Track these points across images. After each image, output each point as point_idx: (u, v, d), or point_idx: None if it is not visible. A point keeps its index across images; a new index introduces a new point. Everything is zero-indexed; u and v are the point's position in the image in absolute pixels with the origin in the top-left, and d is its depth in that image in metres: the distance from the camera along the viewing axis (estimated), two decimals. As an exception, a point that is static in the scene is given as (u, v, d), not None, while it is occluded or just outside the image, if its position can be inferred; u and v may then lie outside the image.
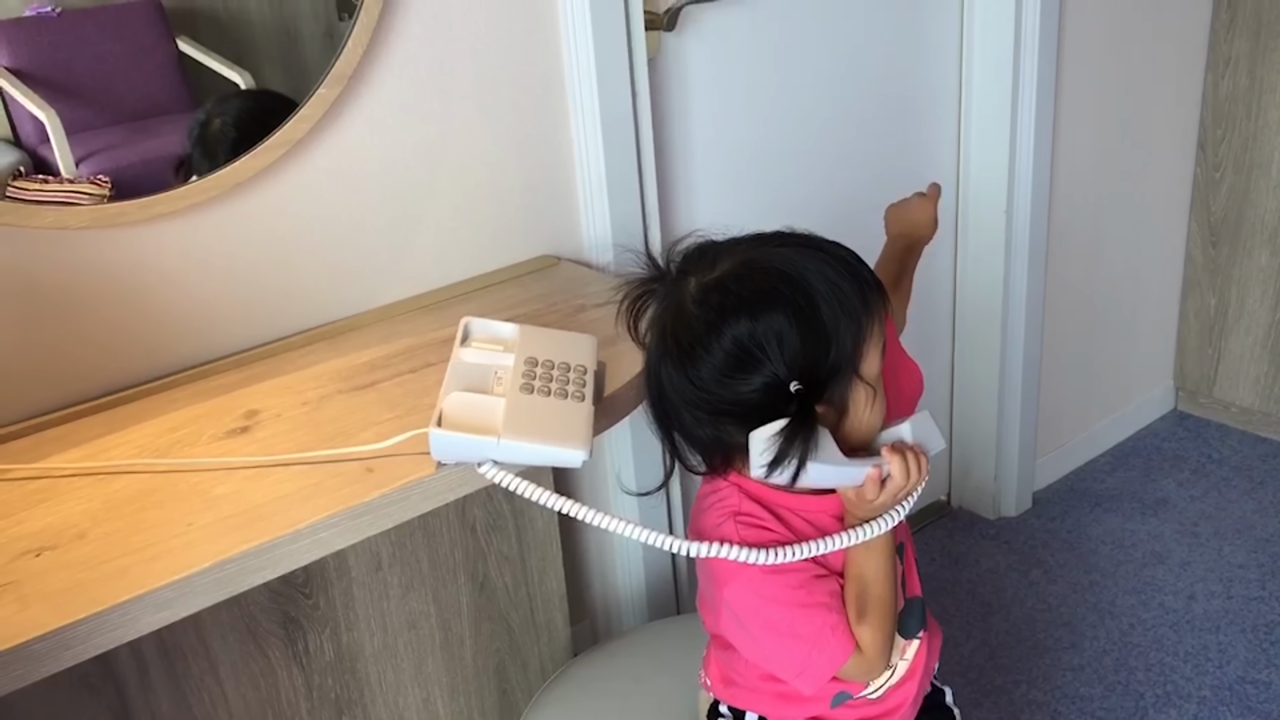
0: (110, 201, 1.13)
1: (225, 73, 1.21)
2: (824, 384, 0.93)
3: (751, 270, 0.95)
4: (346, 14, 1.25)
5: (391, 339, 1.27)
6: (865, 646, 0.99)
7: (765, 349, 0.92)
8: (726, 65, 1.64)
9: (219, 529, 0.92)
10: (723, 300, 0.94)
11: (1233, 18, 2.21)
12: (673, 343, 0.96)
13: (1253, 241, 2.31)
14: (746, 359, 0.93)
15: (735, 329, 0.93)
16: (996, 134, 1.97)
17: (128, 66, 1.17)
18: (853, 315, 0.94)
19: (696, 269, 0.98)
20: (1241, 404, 2.44)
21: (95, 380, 1.18)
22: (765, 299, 0.93)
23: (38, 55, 1.12)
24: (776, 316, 0.92)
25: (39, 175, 1.11)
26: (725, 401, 0.94)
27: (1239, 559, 2.07)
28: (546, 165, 1.45)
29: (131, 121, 1.19)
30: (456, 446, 0.97)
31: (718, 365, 0.94)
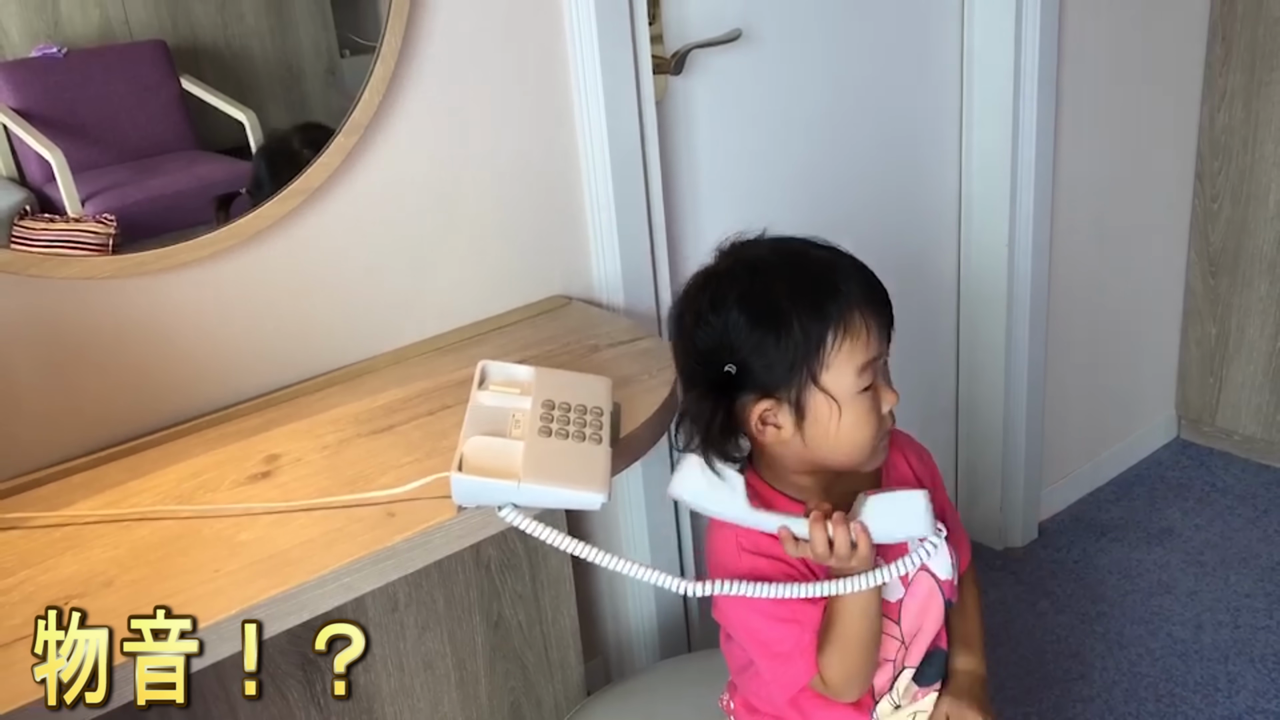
0: (116, 240, 1.14)
1: (229, 110, 1.22)
2: (772, 379, 1.00)
3: (735, 261, 1.06)
4: (349, 50, 1.27)
5: (407, 381, 1.29)
6: (826, 675, 1.03)
7: (729, 341, 1.01)
8: (732, 106, 1.67)
9: (245, 575, 0.94)
10: (705, 283, 1.05)
11: (1227, 52, 2.25)
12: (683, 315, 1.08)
13: (1251, 271, 2.34)
14: (704, 343, 1.03)
15: (698, 311, 1.04)
16: (997, 169, 1.99)
17: (132, 105, 1.19)
18: (816, 319, 0.99)
19: (713, 262, 1.09)
20: (1244, 432, 2.46)
21: (118, 425, 1.19)
22: (729, 288, 1.03)
23: (44, 95, 1.13)
24: (730, 306, 1.01)
25: (45, 214, 1.12)
26: (693, 378, 1.05)
27: (1245, 588, 2.07)
28: (558, 207, 1.47)
29: (136, 160, 1.20)
30: (477, 490, 0.99)
31: (684, 342, 1.06)
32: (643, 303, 1.55)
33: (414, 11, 1.27)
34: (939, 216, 2.04)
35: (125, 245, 1.15)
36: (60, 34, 1.11)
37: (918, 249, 2.03)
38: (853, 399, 1.01)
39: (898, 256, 2.00)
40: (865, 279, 1.04)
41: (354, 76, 1.28)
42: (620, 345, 1.35)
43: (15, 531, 1.03)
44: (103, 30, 1.14)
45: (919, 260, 2.04)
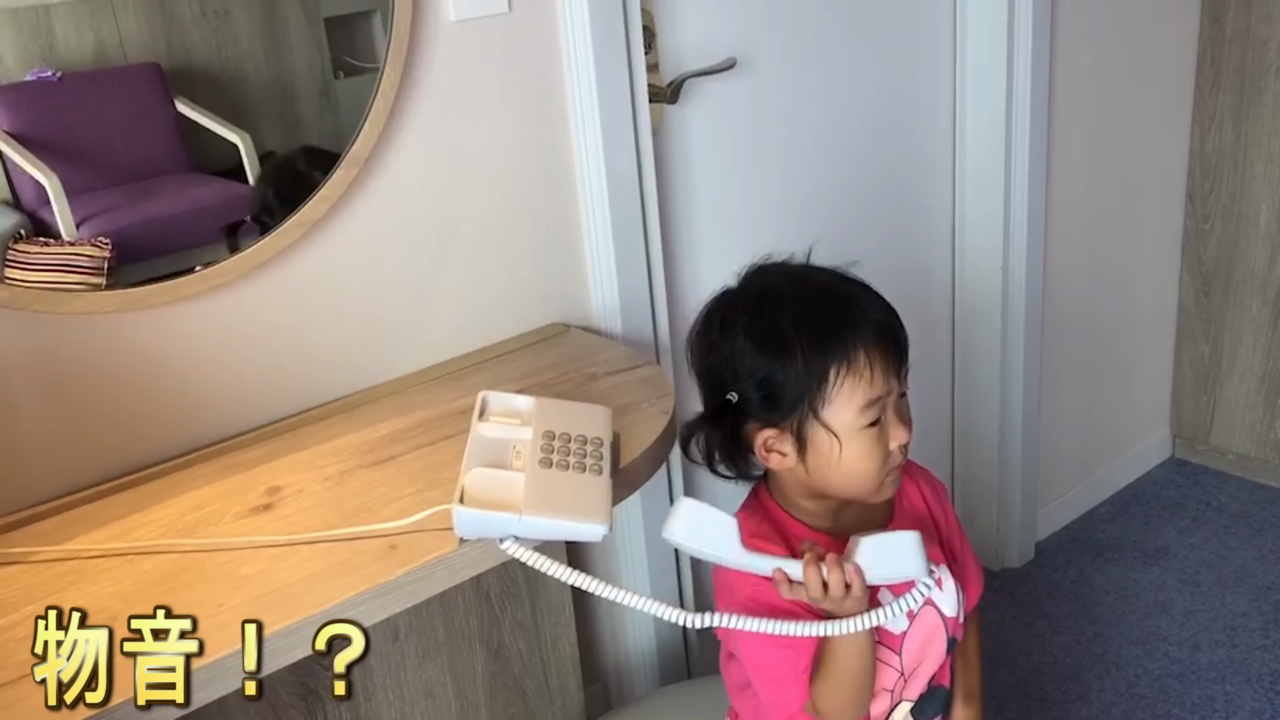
0: (111, 264, 1.14)
1: (223, 133, 1.22)
2: (775, 408, 1.02)
3: (751, 287, 1.09)
4: (343, 72, 1.28)
5: (407, 411, 1.30)
6: (818, 704, 1.05)
7: (735, 366, 1.04)
8: (727, 134, 1.68)
9: (249, 610, 0.94)
10: (719, 306, 1.08)
11: (1216, 75, 2.27)
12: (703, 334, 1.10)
13: (1243, 291, 2.36)
14: (722, 367, 1.05)
15: (709, 334, 1.07)
16: (991, 192, 2.01)
17: (127, 129, 1.19)
18: (819, 354, 1.00)
19: (741, 284, 1.12)
20: (1238, 451, 2.47)
21: (120, 457, 1.20)
22: (739, 314, 1.05)
23: (39, 119, 1.13)
24: (737, 332, 1.04)
25: (40, 238, 1.12)
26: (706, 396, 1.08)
27: (1241, 607, 2.08)
28: (555, 235, 1.48)
29: (131, 183, 1.20)
30: (479, 523, 0.99)
31: (697, 363, 1.09)
32: (641, 330, 1.55)
33: (413, 46, 1.28)
34: (933, 239, 2.06)
35: (120, 268, 1.15)
36: (55, 58, 1.11)
37: (913, 271, 2.04)
38: (855, 434, 1.01)
39: (893, 279, 1.99)
40: (880, 317, 1.05)
41: (348, 98, 1.29)
42: (619, 373, 1.36)
43: (18, 566, 1.03)
44: (97, 54, 1.14)
45: (914, 282, 2.05)
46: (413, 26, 1.27)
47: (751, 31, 1.66)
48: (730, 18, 1.63)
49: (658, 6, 1.55)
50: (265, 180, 1.27)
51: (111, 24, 1.15)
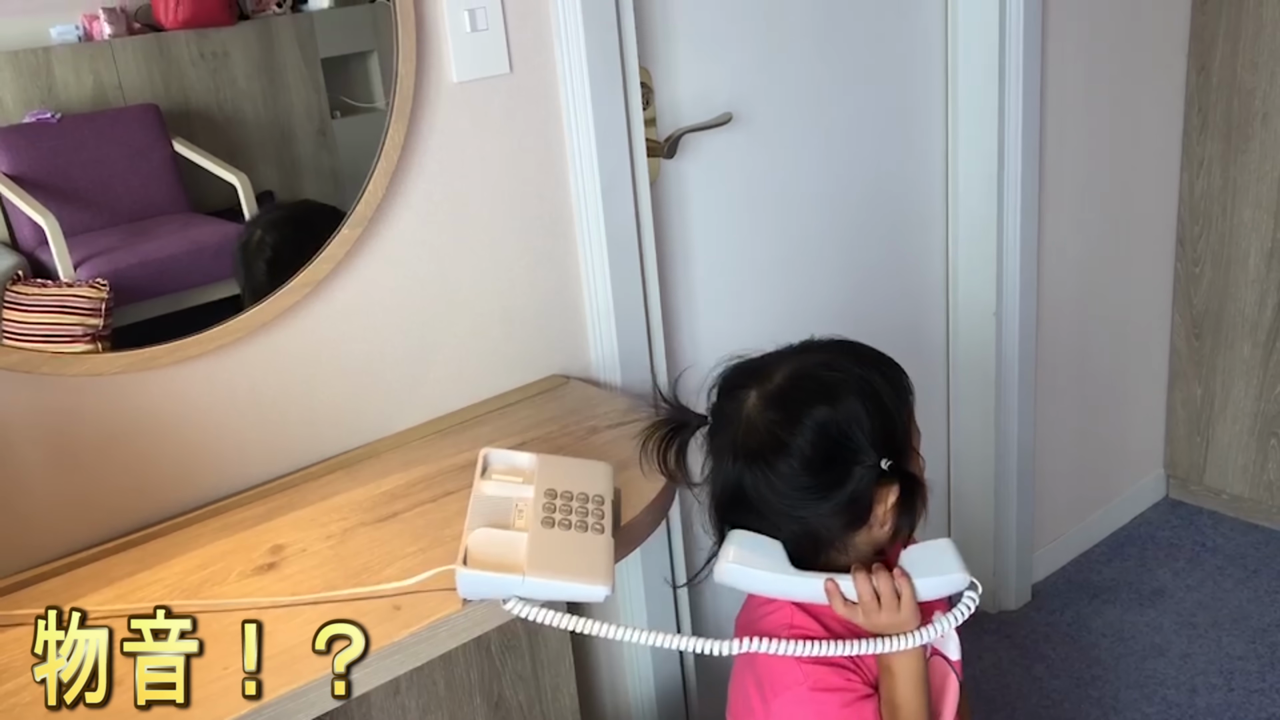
0: (108, 305, 1.15)
1: (220, 174, 1.23)
2: (897, 462, 1.03)
3: (809, 370, 1.06)
4: (339, 112, 1.30)
5: (410, 466, 1.31)
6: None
7: (849, 433, 1.02)
8: (724, 187, 1.71)
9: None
10: (794, 399, 1.04)
11: (1204, 121, 2.31)
12: (748, 452, 1.05)
13: (1234, 334, 2.38)
14: (833, 446, 1.02)
15: (816, 418, 1.02)
16: (983, 239, 2.03)
17: (125, 169, 1.20)
18: (904, 400, 1.06)
19: (751, 384, 1.07)
20: (1232, 491, 2.49)
21: (125, 516, 1.20)
22: (837, 388, 1.03)
23: (37, 161, 1.14)
24: (851, 401, 1.03)
25: (37, 279, 1.13)
26: (815, 492, 1.03)
27: (1238, 650, 2.09)
28: (556, 288, 1.50)
29: (129, 223, 1.21)
30: (482, 584, 1.00)
31: (804, 458, 1.02)
32: (640, 380, 1.57)
33: (415, 107, 1.30)
34: (927, 286, 2.08)
35: (118, 309, 1.16)
36: (54, 99, 1.12)
37: (907, 317, 2.06)
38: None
39: (888, 325, 2.03)
40: (886, 357, 1.13)
41: (345, 138, 1.30)
42: (619, 426, 1.37)
43: (24, 628, 1.04)
44: (96, 96, 1.15)
45: (908, 328, 2.07)
46: (416, 88, 1.29)
47: (747, 87, 1.69)
48: (726, 74, 1.66)
49: (655, 64, 1.58)
50: (245, 261, 1.28)
51: (111, 66, 1.16)
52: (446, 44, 1.32)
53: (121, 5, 1.14)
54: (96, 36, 1.14)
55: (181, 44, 1.18)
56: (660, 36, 1.57)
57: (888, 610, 1.01)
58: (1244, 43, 2.20)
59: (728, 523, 1.09)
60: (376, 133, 1.27)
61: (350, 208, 1.26)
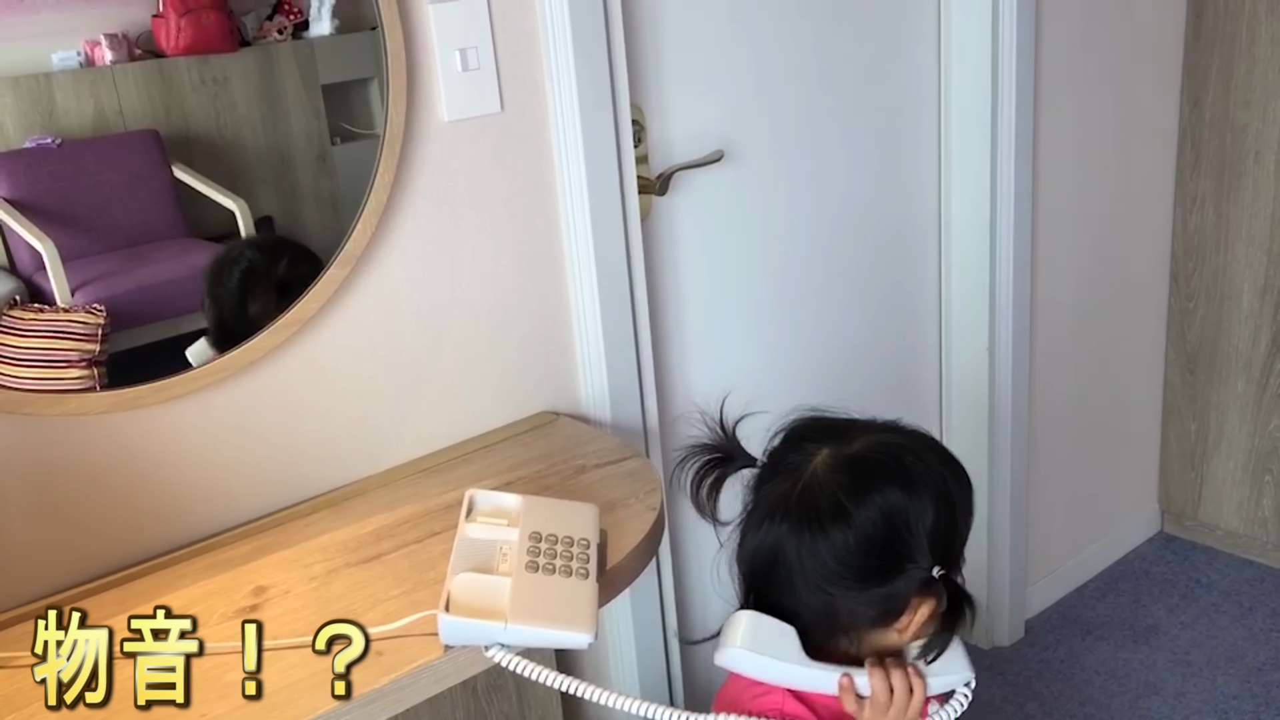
0: (105, 331, 1.15)
1: (220, 199, 1.23)
2: (948, 574, 0.97)
3: (892, 449, 0.99)
4: (339, 138, 1.30)
5: (396, 505, 1.30)
6: None
7: (911, 526, 0.96)
8: (716, 224, 1.71)
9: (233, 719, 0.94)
10: (870, 471, 0.97)
11: (1197, 158, 2.31)
12: (802, 509, 0.98)
13: (1228, 370, 2.38)
14: (893, 534, 0.95)
15: (888, 499, 0.96)
16: (977, 275, 2.04)
17: (125, 195, 1.19)
18: (968, 518, 1.00)
19: (825, 441, 1.01)
20: (1226, 527, 2.48)
21: (107, 557, 1.20)
22: (916, 479, 0.97)
23: (36, 186, 1.14)
24: (925, 497, 0.96)
25: (34, 304, 1.13)
26: (858, 574, 0.97)
27: (1232, 689, 2.08)
28: (546, 325, 1.50)
29: (127, 248, 1.20)
30: (464, 631, 0.99)
31: (862, 535, 0.96)
32: (630, 418, 1.57)
33: (406, 145, 1.30)
34: (920, 321, 2.08)
35: (114, 335, 1.16)
36: (55, 124, 1.12)
37: (900, 353, 2.06)
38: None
39: (881, 360, 2.03)
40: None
41: (345, 164, 1.31)
42: (607, 465, 1.36)
43: (1, 671, 1.03)
44: (97, 121, 1.15)
45: (902, 363, 2.07)
46: (406, 127, 1.29)
47: (739, 124, 1.70)
48: (718, 111, 1.67)
49: (647, 101, 1.58)
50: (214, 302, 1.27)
51: (112, 92, 1.16)
52: (438, 83, 1.32)
53: (123, 31, 1.14)
54: (98, 62, 1.14)
55: (182, 70, 1.19)
56: (652, 74, 1.58)
57: (897, 709, 0.97)
58: (1236, 80, 2.21)
59: (749, 583, 1.04)
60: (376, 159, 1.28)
61: (339, 246, 1.26)
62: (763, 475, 1.05)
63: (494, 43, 1.35)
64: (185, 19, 1.17)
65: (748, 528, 1.04)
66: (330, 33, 1.27)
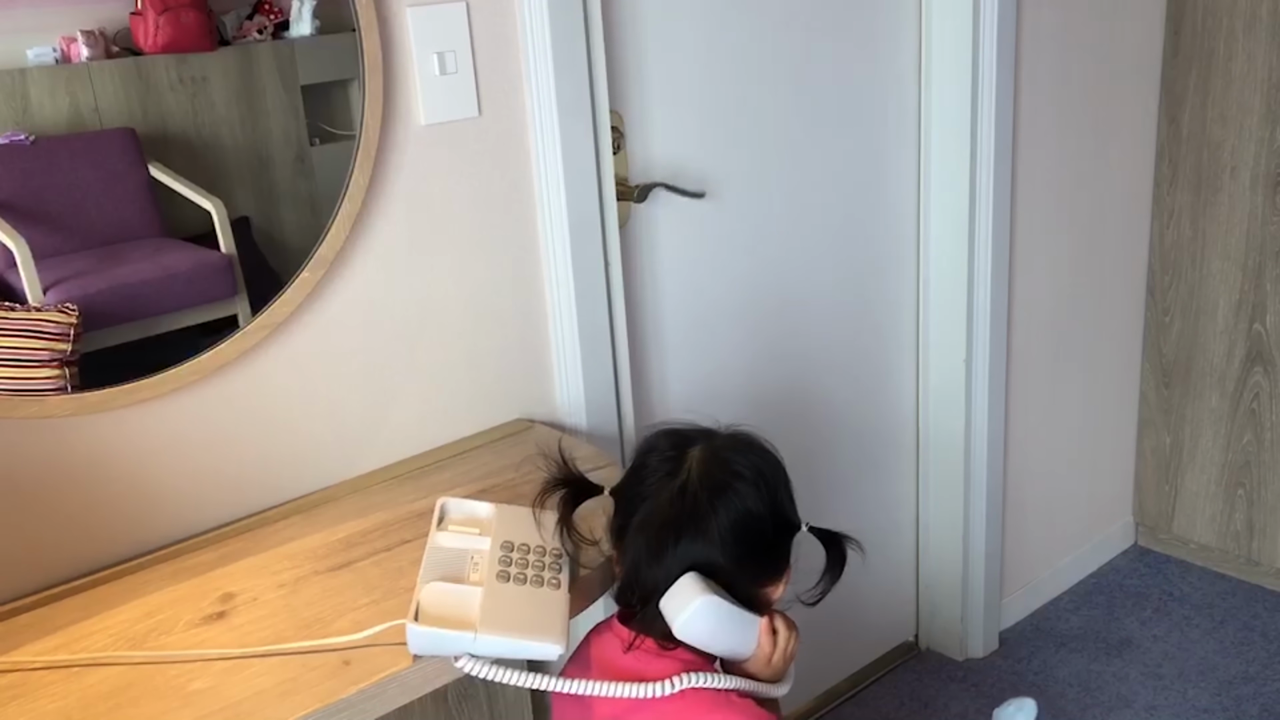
0: (77, 330, 1.14)
1: (196, 199, 1.22)
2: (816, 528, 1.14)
3: (739, 442, 1.15)
4: (318, 139, 1.29)
5: (367, 512, 1.29)
6: None
7: (778, 502, 1.13)
8: (694, 231, 1.70)
9: (196, 729, 0.93)
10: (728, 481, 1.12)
11: (1174, 173, 2.33)
12: (695, 524, 1.10)
13: (1203, 384, 2.39)
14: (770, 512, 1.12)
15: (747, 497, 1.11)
16: (954, 287, 2.04)
17: (99, 193, 1.18)
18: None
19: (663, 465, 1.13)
20: (1199, 540, 2.49)
21: (72, 562, 1.18)
22: (756, 468, 1.12)
23: (10, 183, 1.12)
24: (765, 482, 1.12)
25: (5, 303, 1.11)
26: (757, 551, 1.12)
27: (1204, 702, 2.08)
28: (522, 332, 1.49)
29: (101, 247, 1.19)
30: (433, 641, 0.98)
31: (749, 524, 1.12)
32: (606, 426, 1.56)
33: (381, 149, 1.29)
34: (898, 333, 2.08)
35: (87, 334, 1.15)
36: (29, 121, 1.11)
37: (878, 364, 2.06)
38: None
39: (859, 371, 2.03)
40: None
41: (323, 164, 1.29)
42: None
43: (-39, 678, 1.01)
44: (72, 118, 1.14)
45: (879, 375, 2.07)
46: (382, 130, 1.29)
47: (719, 132, 1.69)
48: (698, 118, 1.67)
49: (627, 107, 1.58)
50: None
51: (88, 89, 1.15)
52: (415, 86, 1.31)
53: (100, 28, 1.13)
54: (74, 59, 1.12)
55: (160, 68, 1.17)
56: (632, 80, 1.57)
57: (789, 647, 1.14)
58: (1213, 96, 2.23)
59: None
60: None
61: (312, 251, 1.25)
62: (632, 486, 1.14)
63: (472, 46, 1.35)
64: (164, 17, 1.16)
65: (642, 560, 1.10)
66: (311, 33, 1.26)
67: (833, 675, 2.16)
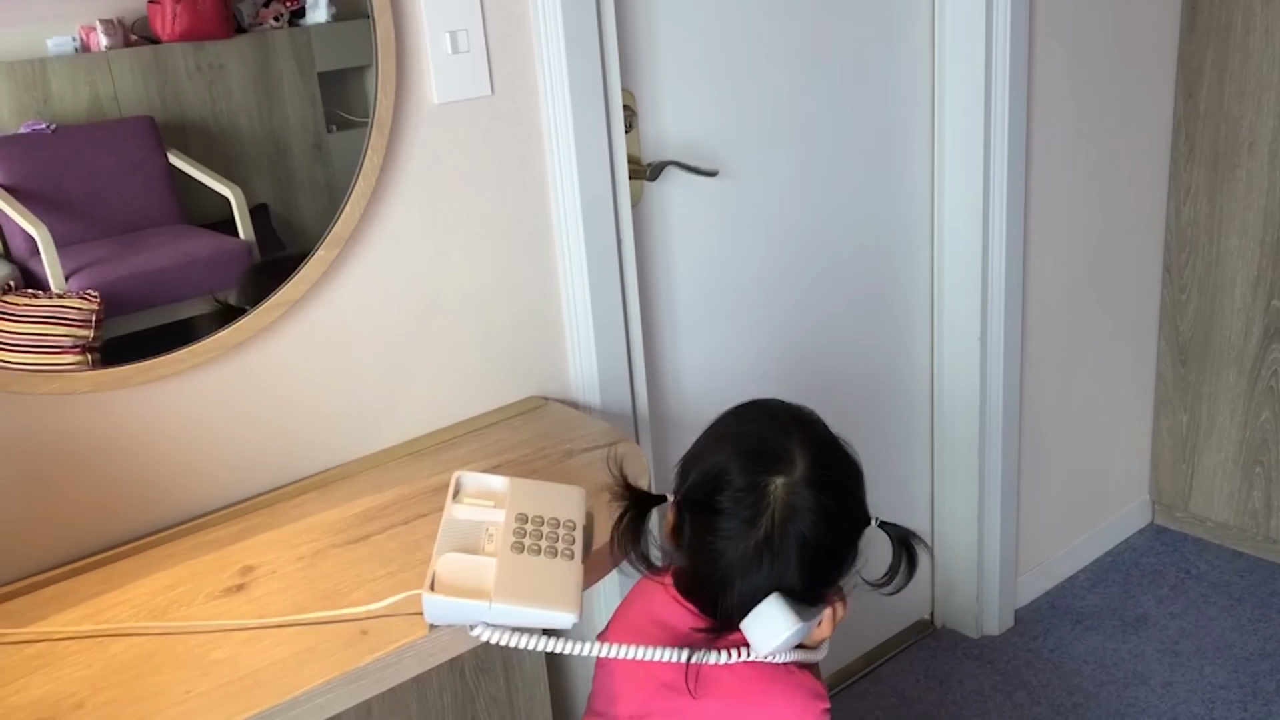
0: (99, 317, 1.15)
1: (215, 186, 1.23)
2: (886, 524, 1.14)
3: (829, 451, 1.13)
4: (335, 126, 1.29)
5: (384, 487, 1.30)
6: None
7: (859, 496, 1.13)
8: (707, 209, 1.71)
9: (217, 696, 0.94)
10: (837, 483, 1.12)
11: (1191, 149, 2.32)
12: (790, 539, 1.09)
13: (1220, 361, 2.38)
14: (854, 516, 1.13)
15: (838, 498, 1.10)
16: (968, 265, 2.04)
17: (119, 181, 1.19)
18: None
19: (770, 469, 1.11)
20: (1216, 519, 2.48)
21: (93, 536, 1.20)
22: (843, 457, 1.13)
23: (31, 171, 1.14)
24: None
25: (28, 290, 1.13)
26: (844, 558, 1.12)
27: (1220, 679, 2.08)
28: (535, 309, 1.50)
29: (122, 235, 1.20)
30: (449, 610, 1.00)
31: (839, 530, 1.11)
32: (620, 402, 1.57)
33: (395, 128, 1.30)
34: (912, 310, 2.08)
35: (108, 321, 1.16)
36: (50, 110, 1.12)
37: (892, 341, 2.06)
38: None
39: (872, 349, 2.03)
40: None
41: (340, 151, 1.30)
42: (595, 450, 1.36)
43: (-13, 648, 1.03)
44: (92, 107, 1.15)
45: (893, 352, 2.07)
46: (396, 109, 1.29)
47: (732, 110, 1.70)
48: (711, 97, 1.67)
49: (639, 86, 1.58)
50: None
51: (107, 78, 1.16)
52: (428, 66, 1.32)
53: (118, 17, 1.14)
54: (93, 48, 1.14)
55: (178, 56, 1.18)
56: (644, 59, 1.58)
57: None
58: (1231, 71, 2.21)
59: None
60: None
61: (327, 229, 1.26)
62: (705, 522, 1.09)
63: (484, 25, 1.35)
64: (181, 5, 1.16)
65: (729, 578, 1.08)
66: (327, 20, 1.27)
67: (849, 653, 2.17)
